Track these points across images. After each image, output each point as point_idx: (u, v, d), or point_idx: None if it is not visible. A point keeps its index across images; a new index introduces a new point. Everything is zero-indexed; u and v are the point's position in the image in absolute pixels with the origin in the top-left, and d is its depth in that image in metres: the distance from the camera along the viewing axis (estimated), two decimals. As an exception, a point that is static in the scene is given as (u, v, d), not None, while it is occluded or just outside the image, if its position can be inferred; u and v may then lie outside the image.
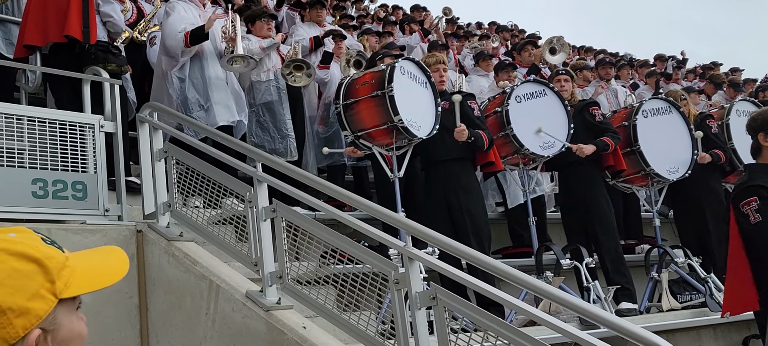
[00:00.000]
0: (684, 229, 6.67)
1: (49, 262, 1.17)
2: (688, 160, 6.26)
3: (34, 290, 1.14)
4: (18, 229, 1.22)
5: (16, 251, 1.15)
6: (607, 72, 9.29)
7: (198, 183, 4.49)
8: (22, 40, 5.46)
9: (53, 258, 1.18)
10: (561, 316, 4.43)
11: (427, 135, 5.19)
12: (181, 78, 5.81)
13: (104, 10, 5.56)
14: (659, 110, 6.43)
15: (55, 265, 1.18)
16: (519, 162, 5.98)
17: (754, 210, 3.68)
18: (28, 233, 1.21)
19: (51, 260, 1.17)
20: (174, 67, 5.78)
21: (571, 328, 2.78)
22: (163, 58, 5.88)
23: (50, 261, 1.17)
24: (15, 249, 1.15)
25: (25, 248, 1.16)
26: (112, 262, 1.28)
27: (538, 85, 6.14)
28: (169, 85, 5.79)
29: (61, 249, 1.23)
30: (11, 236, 1.18)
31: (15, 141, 4.41)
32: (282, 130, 6.26)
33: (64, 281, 1.18)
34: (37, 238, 1.20)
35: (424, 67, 5.45)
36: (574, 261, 5.54)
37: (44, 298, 1.15)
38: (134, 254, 4.46)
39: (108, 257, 1.29)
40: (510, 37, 13.60)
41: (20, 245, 1.16)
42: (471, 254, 3.21)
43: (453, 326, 3.18)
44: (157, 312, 4.35)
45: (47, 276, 1.16)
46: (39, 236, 1.21)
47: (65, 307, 1.19)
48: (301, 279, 3.93)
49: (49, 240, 1.22)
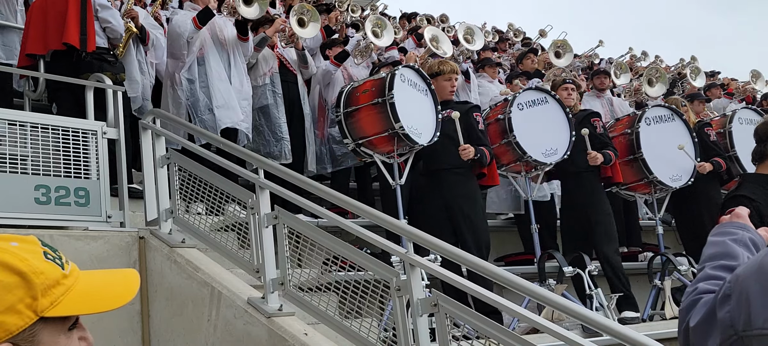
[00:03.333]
0: (686, 237, 6.65)
1: (35, 277, 1.12)
2: (690, 167, 6.26)
3: (11, 303, 1.10)
4: (25, 238, 1.18)
5: (3, 261, 1.12)
6: (603, 82, 9.26)
7: (200, 189, 4.49)
8: (25, 49, 5.49)
9: (43, 274, 1.13)
10: (564, 324, 4.42)
11: (428, 142, 5.19)
12: (190, 79, 5.86)
13: (103, 16, 5.58)
14: (662, 118, 6.43)
15: (43, 281, 1.12)
16: (521, 169, 5.98)
17: None
18: (33, 244, 1.17)
19: (39, 275, 1.12)
20: (182, 69, 5.83)
21: (574, 336, 2.78)
22: (169, 61, 5.92)
23: (37, 276, 1.12)
24: (3, 259, 1.12)
25: (14, 259, 1.12)
26: (118, 286, 1.23)
27: (540, 93, 6.15)
28: (177, 88, 5.84)
29: (63, 265, 1.18)
30: (12, 246, 1.15)
31: (18, 147, 4.42)
32: (277, 133, 6.30)
33: (51, 299, 1.13)
34: (38, 251, 1.16)
35: (424, 74, 5.46)
36: (577, 269, 5.53)
37: (21, 313, 1.10)
38: (136, 260, 4.47)
39: (116, 279, 1.25)
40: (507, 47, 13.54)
41: (11, 255, 1.12)
42: (473, 262, 3.21)
43: (455, 333, 3.17)
44: (159, 319, 4.35)
45: (29, 291, 1.11)
46: (43, 249, 1.17)
47: (53, 326, 1.14)
48: (303, 286, 3.93)
49: (53, 255, 1.17)
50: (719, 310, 1.17)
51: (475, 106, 5.87)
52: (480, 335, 3.00)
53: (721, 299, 1.18)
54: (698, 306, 1.26)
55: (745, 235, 1.48)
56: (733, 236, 1.46)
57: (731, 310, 1.14)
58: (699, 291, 1.34)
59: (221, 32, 6.11)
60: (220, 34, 6.10)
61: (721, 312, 1.16)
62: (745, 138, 6.55)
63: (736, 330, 1.12)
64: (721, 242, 1.47)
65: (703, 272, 1.42)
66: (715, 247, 1.47)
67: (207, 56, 5.97)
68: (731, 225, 1.52)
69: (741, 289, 1.13)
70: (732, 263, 1.38)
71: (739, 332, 1.12)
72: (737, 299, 1.13)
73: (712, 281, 1.35)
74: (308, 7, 6.86)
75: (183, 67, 5.85)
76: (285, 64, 6.70)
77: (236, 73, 6.09)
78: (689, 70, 10.92)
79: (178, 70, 5.85)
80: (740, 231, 1.48)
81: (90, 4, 5.40)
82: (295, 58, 6.82)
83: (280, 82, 6.49)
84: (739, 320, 1.12)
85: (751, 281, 1.12)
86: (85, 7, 5.34)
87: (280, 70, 6.58)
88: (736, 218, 1.56)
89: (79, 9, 5.31)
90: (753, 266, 1.15)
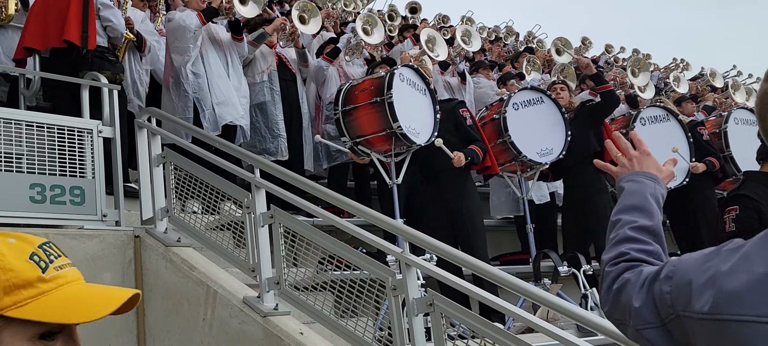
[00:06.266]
0: (680, 236, 6.67)
1: (2, 273, 1.07)
2: (685, 167, 6.27)
3: None
4: (25, 237, 1.14)
5: None
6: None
7: (196, 188, 4.49)
8: (23, 42, 5.48)
9: (12, 272, 1.08)
10: (559, 323, 4.42)
11: (426, 142, 5.20)
12: (196, 73, 5.88)
13: (104, 15, 5.57)
14: (657, 118, 6.45)
15: (10, 279, 1.07)
16: (517, 169, 5.98)
17: (731, 219, 3.60)
18: (27, 243, 1.13)
19: (6, 272, 1.07)
20: (188, 63, 5.84)
21: (569, 335, 2.79)
22: (174, 57, 5.92)
23: (5, 273, 1.07)
24: None
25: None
26: (101, 299, 1.14)
27: (535, 93, 6.16)
28: (183, 82, 5.85)
29: (45, 269, 1.11)
30: (9, 242, 1.12)
31: (13, 146, 4.41)
32: (274, 130, 6.31)
33: (15, 299, 1.07)
34: (27, 250, 1.12)
35: (424, 74, 5.46)
36: (572, 268, 5.54)
37: None
38: (132, 259, 4.46)
39: (109, 295, 1.16)
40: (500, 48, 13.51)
41: None
42: (468, 261, 3.21)
43: (450, 332, 3.17)
44: (155, 318, 4.35)
45: None
46: (33, 250, 1.12)
47: (16, 329, 1.07)
48: (298, 285, 3.94)
49: (40, 257, 1.11)
50: (661, 286, 1.27)
51: (460, 103, 5.87)
52: (475, 334, 3.00)
53: (664, 279, 1.27)
54: (638, 284, 1.32)
55: (658, 189, 1.51)
56: (650, 190, 1.49)
57: (672, 292, 1.24)
58: (630, 257, 1.39)
59: (217, 34, 6.15)
60: (216, 36, 6.13)
61: (661, 289, 1.26)
62: (741, 138, 6.58)
63: (675, 310, 1.23)
64: (638, 193, 1.49)
65: (623, 232, 1.44)
66: (632, 197, 1.49)
67: (206, 54, 5.99)
68: (644, 175, 1.54)
69: (682, 276, 1.24)
70: (648, 222, 1.43)
71: (678, 312, 1.23)
72: (678, 284, 1.24)
73: (636, 245, 1.40)
74: (309, 5, 6.87)
75: (189, 60, 5.86)
76: (284, 62, 6.71)
77: (234, 73, 6.11)
78: (672, 78, 10.95)
79: (184, 65, 5.86)
80: (654, 185, 1.51)
81: (92, 3, 5.39)
82: (295, 56, 6.83)
83: (278, 80, 6.50)
84: (679, 302, 1.23)
85: (693, 273, 1.22)
86: (86, 6, 5.33)
87: (278, 68, 6.59)
88: (646, 157, 1.57)
89: (81, 7, 5.30)
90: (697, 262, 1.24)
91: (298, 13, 6.69)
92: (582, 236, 5.97)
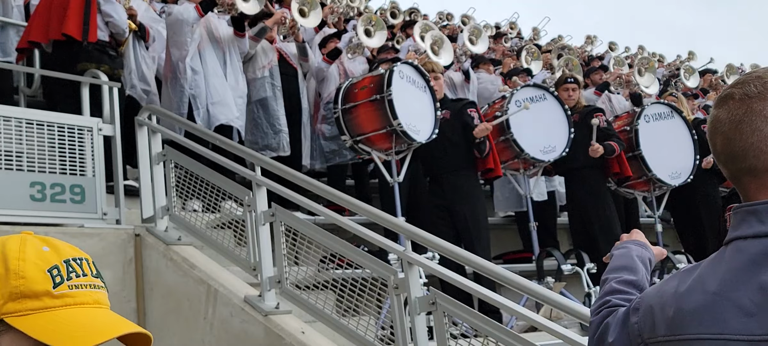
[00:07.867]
0: (685, 234, 6.64)
1: (13, 279, 1.05)
2: (690, 165, 6.23)
3: None
4: (58, 247, 1.10)
5: (6, 251, 1.07)
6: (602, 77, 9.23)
7: (197, 187, 4.46)
8: (28, 36, 5.48)
9: (23, 279, 1.05)
10: (562, 322, 4.40)
11: (427, 139, 5.17)
12: (195, 69, 5.85)
13: (105, 9, 5.52)
14: (661, 115, 6.41)
15: (19, 285, 1.05)
16: (519, 167, 5.95)
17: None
18: (57, 253, 1.09)
19: (18, 279, 1.05)
20: (186, 57, 5.81)
21: (572, 334, 2.76)
22: (172, 51, 5.89)
23: (16, 279, 1.05)
24: (7, 250, 1.07)
25: (14, 255, 1.06)
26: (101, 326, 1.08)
27: (538, 90, 6.13)
28: (180, 76, 5.81)
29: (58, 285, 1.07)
30: (43, 250, 1.08)
31: (13, 144, 4.38)
32: (275, 125, 6.28)
33: (19, 308, 1.05)
34: (50, 261, 1.08)
35: (423, 71, 5.43)
36: (576, 267, 5.52)
37: None
38: (132, 258, 4.44)
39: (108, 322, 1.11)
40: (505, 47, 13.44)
41: (17, 251, 1.07)
42: (470, 259, 3.19)
43: (453, 331, 3.15)
44: (155, 316, 4.32)
45: (2, 288, 1.05)
46: (56, 262, 1.08)
47: (14, 337, 1.05)
48: (300, 284, 3.91)
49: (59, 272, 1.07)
50: (630, 319, 1.37)
51: (470, 103, 5.81)
52: (478, 333, 2.97)
53: (632, 311, 1.38)
54: (614, 322, 1.42)
55: (645, 253, 1.66)
56: (636, 253, 1.64)
57: (639, 321, 1.34)
58: (611, 304, 1.50)
59: (216, 30, 6.10)
60: (215, 33, 6.08)
61: (631, 322, 1.37)
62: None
63: (642, 338, 1.33)
64: (625, 256, 1.63)
65: (609, 286, 1.56)
66: (620, 260, 1.63)
67: (203, 52, 5.95)
68: (633, 242, 1.69)
69: (646, 304, 1.34)
70: (633, 277, 1.56)
71: (645, 339, 1.32)
72: (643, 313, 1.34)
73: (619, 295, 1.52)
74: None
75: (187, 55, 5.83)
76: (284, 57, 6.68)
77: (232, 71, 6.07)
78: (683, 70, 10.89)
79: (182, 59, 5.83)
80: (641, 249, 1.66)
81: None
82: (295, 51, 6.80)
83: (279, 75, 6.46)
84: (645, 329, 1.32)
85: (654, 299, 1.32)
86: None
87: (279, 63, 6.56)
88: (637, 236, 1.74)
89: (83, 0, 5.28)
90: (657, 288, 1.35)
91: (297, 5, 6.65)
92: (589, 237, 5.94)
